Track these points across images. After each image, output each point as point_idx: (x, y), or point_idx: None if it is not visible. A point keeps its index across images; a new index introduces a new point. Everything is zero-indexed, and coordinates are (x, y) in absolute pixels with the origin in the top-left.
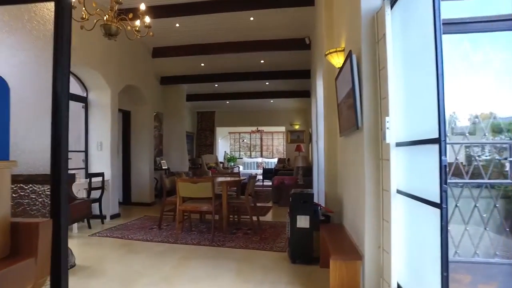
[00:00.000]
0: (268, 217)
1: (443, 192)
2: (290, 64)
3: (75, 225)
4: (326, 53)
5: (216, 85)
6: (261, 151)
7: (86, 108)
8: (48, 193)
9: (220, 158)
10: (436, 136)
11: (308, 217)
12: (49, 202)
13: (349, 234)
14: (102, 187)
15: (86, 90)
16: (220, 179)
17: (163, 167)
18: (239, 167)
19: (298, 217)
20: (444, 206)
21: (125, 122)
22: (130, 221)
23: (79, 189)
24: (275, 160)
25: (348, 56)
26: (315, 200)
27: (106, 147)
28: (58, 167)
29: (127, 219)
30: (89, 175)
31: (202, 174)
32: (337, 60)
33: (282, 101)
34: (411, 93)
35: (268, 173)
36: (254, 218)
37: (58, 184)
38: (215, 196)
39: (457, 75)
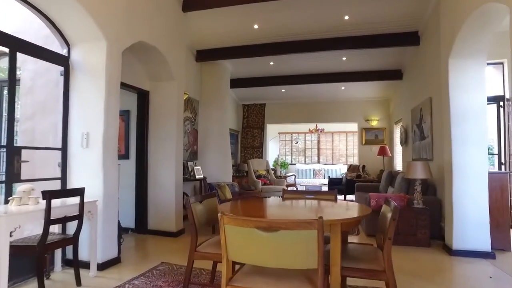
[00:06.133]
0: None
1: None
2: (389, 19)
3: None
4: None
5: (272, 63)
6: (318, 156)
7: (66, 75)
8: None
9: (269, 164)
10: None
11: None
12: None
13: None
14: (80, 215)
15: (68, 45)
16: (322, 208)
17: (197, 176)
18: (294, 176)
19: None
20: None
21: (141, 107)
22: (131, 279)
23: (17, 225)
24: (338, 167)
25: None
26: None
27: (96, 142)
28: None
29: (128, 272)
30: (47, 195)
31: (249, 186)
32: None
33: (356, 88)
34: None
35: (335, 184)
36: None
37: None
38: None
39: None
